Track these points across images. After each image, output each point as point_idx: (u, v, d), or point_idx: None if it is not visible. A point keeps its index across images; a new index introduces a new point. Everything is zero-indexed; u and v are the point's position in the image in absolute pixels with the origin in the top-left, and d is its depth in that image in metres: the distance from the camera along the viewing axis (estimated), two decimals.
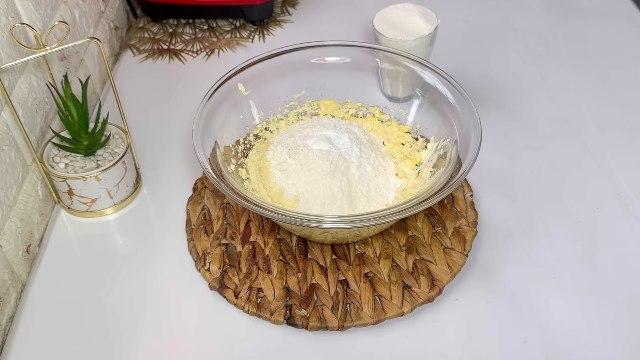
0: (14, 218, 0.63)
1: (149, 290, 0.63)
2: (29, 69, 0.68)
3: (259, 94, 0.71)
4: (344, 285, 0.61)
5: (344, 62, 0.72)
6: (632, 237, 0.66)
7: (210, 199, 0.70)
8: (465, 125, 0.63)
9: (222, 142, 0.66)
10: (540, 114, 0.81)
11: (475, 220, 0.66)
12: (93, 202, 0.68)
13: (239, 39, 0.96)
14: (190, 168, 0.75)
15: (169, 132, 0.80)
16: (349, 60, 0.72)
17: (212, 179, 0.58)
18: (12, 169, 0.63)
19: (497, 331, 0.58)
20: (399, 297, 0.60)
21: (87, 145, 0.67)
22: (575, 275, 0.63)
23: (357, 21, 0.97)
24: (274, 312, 0.59)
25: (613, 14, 0.98)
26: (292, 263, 0.63)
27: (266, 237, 0.66)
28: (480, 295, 0.61)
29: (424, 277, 0.61)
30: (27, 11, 0.67)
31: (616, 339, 0.58)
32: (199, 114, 0.64)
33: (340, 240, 0.64)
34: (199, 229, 0.67)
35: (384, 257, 0.63)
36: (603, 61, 0.89)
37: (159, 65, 0.91)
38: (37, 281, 0.64)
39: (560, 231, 0.67)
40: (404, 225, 0.66)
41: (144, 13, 1.00)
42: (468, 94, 0.65)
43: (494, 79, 0.86)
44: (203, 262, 0.64)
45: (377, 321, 0.58)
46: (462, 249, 0.64)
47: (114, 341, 0.59)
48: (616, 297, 0.61)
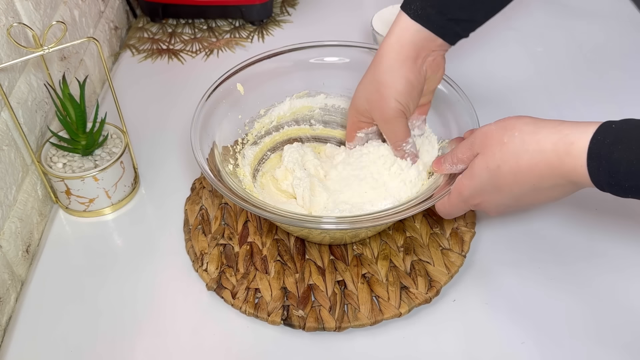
0: (13, 218, 0.63)
1: (146, 290, 0.63)
2: (29, 69, 0.68)
3: (258, 94, 0.71)
4: (341, 286, 0.61)
5: (343, 62, 0.72)
6: (633, 237, 0.66)
7: (209, 199, 0.70)
8: (463, 126, 0.63)
9: (221, 143, 0.66)
10: (539, 114, 0.80)
11: (473, 221, 0.66)
12: (91, 202, 0.68)
13: (238, 39, 0.96)
14: (189, 168, 0.75)
15: (168, 132, 0.80)
16: (348, 60, 0.72)
17: (210, 179, 0.58)
18: (12, 169, 0.63)
19: (495, 332, 0.58)
20: (397, 298, 0.60)
21: (85, 145, 0.67)
22: (573, 275, 0.63)
23: (356, 21, 0.97)
24: (271, 313, 0.59)
25: (613, 14, 0.98)
26: (289, 263, 0.63)
27: (264, 238, 0.66)
28: (478, 296, 0.61)
29: (422, 278, 0.61)
30: (26, 11, 0.67)
31: (616, 339, 0.58)
32: (197, 114, 0.64)
33: (338, 240, 0.64)
34: (197, 229, 0.67)
35: (382, 258, 0.63)
36: (603, 61, 0.89)
37: (158, 65, 0.91)
38: (34, 281, 0.64)
39: (559, 231, 0.67)
40: (402, 226, 0.66)
41: (143, 13, 1.00)
42: (466, 94, 0.65)
43: (494, 79, 0.86)
44: (200, 262, 0.64)
45: (374, 322, 0.58)
46: (460, 250, 0.64)
47: (112, 341, 0.59)
48: (616, 297, 0.61)
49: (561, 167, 0.48)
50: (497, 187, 0.53)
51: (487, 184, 0.54)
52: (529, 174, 0.50)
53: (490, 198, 0.55)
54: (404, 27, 0.59)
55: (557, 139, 0.48)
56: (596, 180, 0.47)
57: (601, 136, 0.46)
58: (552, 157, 0.48)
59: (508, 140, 0.51)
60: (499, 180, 0.52)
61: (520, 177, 0.51)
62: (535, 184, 0.51)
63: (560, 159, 0.48)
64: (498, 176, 0.52)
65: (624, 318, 0.59)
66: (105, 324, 0.60)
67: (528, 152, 0.50)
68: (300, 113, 0.73)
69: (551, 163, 0.49)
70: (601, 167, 0.46)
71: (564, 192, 0.52)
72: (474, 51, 0.91)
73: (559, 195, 0.52)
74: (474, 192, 0.55)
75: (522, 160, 0.50)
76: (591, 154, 0.46)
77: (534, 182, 0.51)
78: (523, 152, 0.50)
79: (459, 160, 0.57)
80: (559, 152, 0.48)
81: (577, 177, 0.48)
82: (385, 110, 0.62)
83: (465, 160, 0.56)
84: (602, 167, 0.46)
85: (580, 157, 0.47)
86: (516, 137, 0.51)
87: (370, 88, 0.62)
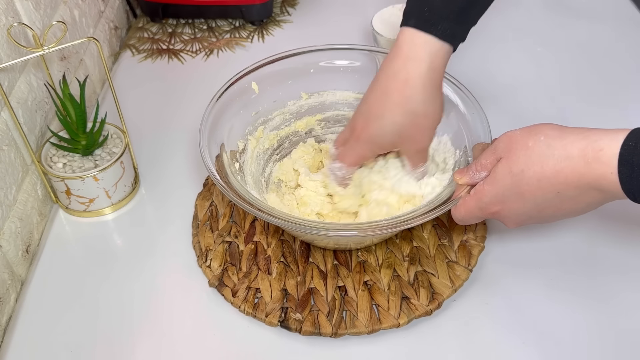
0: (13, 218, 0.63)
1: (146, 290, 0.63)
2: (29, 69, 0.68)
3: (268, 96, 0.70)
4: (342, 291, 0.61)
5: (353, 65, 0.71)
6: (632, 237, 0.66)
7: (219, 196, 0.70)
8: (474, 134, 0.62)
9: (229, 145, 0.65)
10: (539, 114, 0.81)
11: (484, 235, 0.64)
12: (91, 202, 0.68)
13: (238, 39, 0.96)
14: (190, 168, 0.75)
15: (168, 132, 0.80)
16: (358, 64, 0.71)
17: (218, 182, 0.57)
18: (12, 169, 0.63)
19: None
20: (397, 307, 0.59)
21: (85, 145, 0.67)
22: (574, 276, 0.62)
23: (356, 21, 0.97)
24: (269, 314, 0.59)
25: (613, 14, 0.98)
26: (292, 265, 0.63)
27: (270, 238, 0.66)
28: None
29: (424, 290, 0.60)
30: (26, 11, 0.67)
31: (616, 339, 0.58)
32: (206, 116, 0.63)
33: (342, 246, 0.63)
34: (205, 225, 0.67)
35: (386, 266, 0.63)
36: (603, 61, 0.89)
37: (158, 65, 0.91)
38: (34, 281, 0.64)
39: (561, 233, 0.66)
40: (410, 235, 0.65)
41: (143, 13, 1.00)
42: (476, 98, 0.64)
43: (494, 79, 0.86)
44: (205, 258, 0.64)
45: (371, 331, 0.58)
46: (467, 264, 0.62)
47: (112, 340, 0.59)
48: (615, 298, 0.61)
49: (589, 174, 0.46)
50: (520, 194, 0.51)
51: (509, 190, 0.51)
52: (553, 180, 0.48)
53: (511, 206, 0.52)
54: (434, 52, 0.55)
55: (585, 144, 0.47)
56: (627, 188, 0.45)
57: (633, 142, 0.44)
58: (580, 164, 0.47)
59: (533, 144, 0.49)
60: (522, 185, 0.50)
61: (545, 183, 0.49)
62: (560, 191, 0.49)
63: (588, 166, 0.46)
64: (521, 181, 0.50)
65: (625, 317, 0.59)
66: (105, 323, 0.60)
67: (554, 156, 0.48)
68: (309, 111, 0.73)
69: (578, 169, 0.47)
70: (633, 174, 0.44)
71: (589, 204, 0.49)
72: (473, 51, 0.91)
73: (583, 207, 0.50)
74: (494, 198, 0.53)
75: (547, 165, 0.48)
76: (622, 161, 0.44)
77: (559, 189, 0.49)
78: (549, 157, 0.48)
79: (483, 166, 0.54)
80: (587, 158, 0.46)
81: (607, 185, 0.46)
82: (422, 141, 0.59)
83: (489, 167, 0.53)
84: (634, 174, 0.44)
85: (610, 163, 0.45)
86: (542, 142, 0.49)
87: (403, 121, 0.57)
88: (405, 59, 0.56)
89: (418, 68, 0.55)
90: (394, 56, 0.57)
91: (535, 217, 0.53)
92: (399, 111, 0.57)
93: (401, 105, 0.56)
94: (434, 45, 0.55)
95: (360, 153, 0.61)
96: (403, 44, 0.56)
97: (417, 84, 0.55)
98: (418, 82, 0.55)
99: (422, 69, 0.55)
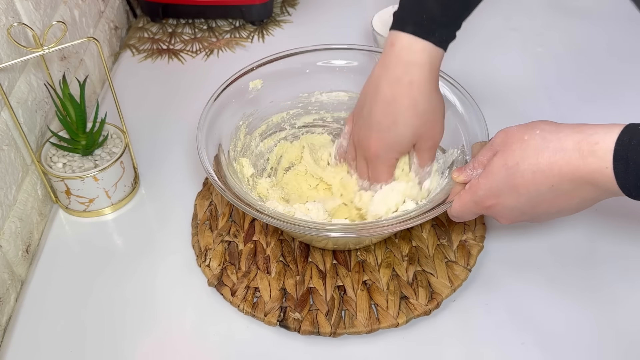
0: (13, 218, 0.63)
1: (145, 289, 0.63)
2: (29, 69, 0.68)
3: (267, 96, 0.70)
4: (341, 291, 0.61)
5: (350, 65, 0.71)
6: (632, 237, 0.66)
7: (218, 195, 0.70)
8: (472, 133, 0.62)
9: (226, 146, 0.65)
10: (539, 114, 0.80)
11: (482, 235, 0.65)
12: (91, 201, 0.68)
13: (239, 39, 0.96)
14: (189, 167, 0.75)
15: (168, 132, 0.80)
16: (355, 63, 0.71)
17: (216, 184, 0.57)
18: (12, 168, 0.63)
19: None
20: (396, 307, 0.59)
21: (84, 145, 0.67)
22: (573, 276, 0.63)
23: (356, 21, 0.97)
24: (268, 313, 0.59)
25: (613, 14, 0.98)
26: (291, 265, 0.63)
27: (269, 237, 0.66)
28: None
29: (423, 289, 0.60)
30: (26, 11, 0.67)
31: (616, 340, 0.58)
32: (203, 117, 0.63)
33: (341, 246, 0.63)
34: (204, 224, 0.67)
35: (385, 266, 0.63)
36: (603, 61, 0.89)
37: (158, 65, 0.91)
38: (34, 281, 0.64)
39: (560, 232, 0.66)
40: (409, 234, 0.65)
41: (143, 13, 1.00)
42: (473, 97, 0.64)
43: (494, 80, 0.86)
44: (204, 257, 0.64)
45: (370, 330, 0.58)
46: (466, 264, 0.62)
47: (111, 340, 0.59)
48: (615, 297, 0.61)
49: (584, 167, 0.46)
50: (514, 187, 0.51)
51: (503, 183, 0.52)
52: (548, 173, 0.49)
53: (505, 200, 0.53)
54: (433, 56, 0.57)
55: (580, 138, 0.47)
56: (623, 183, 0.45)
57: (627, 138, 0.45)
58: (574, 157, 0.47)
59: (529, 137, 0.50)
60: (517, 178, 0.50)
61: (539, 176, 0.49)
62: (555, 184, 0.49)
63: (583, 159, 0.46)
64: (515, 174, 0.50)
65: (625, 318, 0.59)
66: (105, 323, 0.60)
67: (549, 149, 0.48)
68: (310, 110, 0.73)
69: (573, 162, 0.47)
70: (628, 170, 0.44)
71: (583, 200, 0.49)
72: (473, 51, 0.91)
73: (577, 203, 0.50)
74: (488, 191, 0.53)
75: (542, 158, 0.49)
76: (617, 156, 0.45)
77: (553, 182, 0.49)
78: (543, 149, 0.49)
79: (480, 163, 0.55)
80: (582, 151, 0.46)
81: (602, 180, 0.46)
82: (434, 136, 0.60)
83: (486, 163, 0.54)
84: (629, 170, 0.44)
85: (605, 158, 0.45)
86: (537, 135, 0.50)
87: (416, 122, 0.58)
88: (406, 64, 0.57)
89: (421, 71, 0.57)
90: (394, 63, 0.58)
91: (528, 214, 0.53)
92: (410, 114, 0.58)
93: (411, 108, 0.58)
94: (432, 50, 0.57)
95: (388, 165, 0.62)
96: (401, 50, 0.57)
97: (422, 86, 0.57)
98: (422, 84, 0.57)
99: (425, 72, 0.57)
